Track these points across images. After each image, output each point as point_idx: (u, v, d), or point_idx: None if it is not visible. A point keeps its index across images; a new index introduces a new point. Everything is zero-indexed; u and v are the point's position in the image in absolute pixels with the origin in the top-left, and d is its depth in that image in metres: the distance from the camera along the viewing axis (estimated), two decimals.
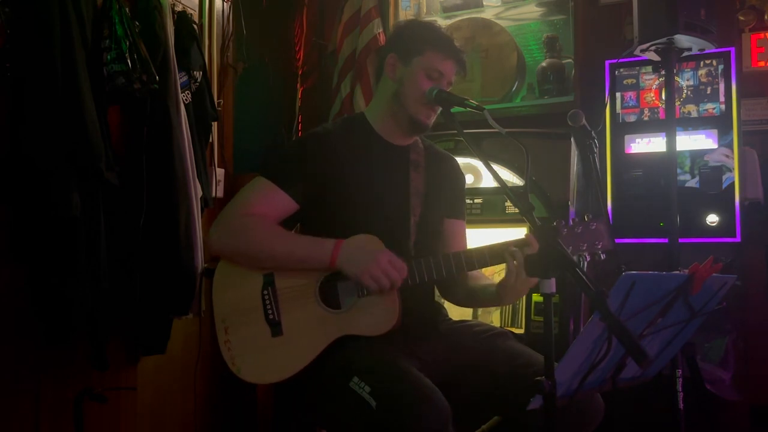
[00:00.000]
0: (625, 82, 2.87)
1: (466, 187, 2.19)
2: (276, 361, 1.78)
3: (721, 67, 2.71)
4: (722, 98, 2.71)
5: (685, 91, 2.76)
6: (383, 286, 1.70)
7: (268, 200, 1.83)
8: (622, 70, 2.87)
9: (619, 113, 2.86)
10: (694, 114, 2.75)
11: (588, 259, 1.73)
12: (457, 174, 2.11)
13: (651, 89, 2.83)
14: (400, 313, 1.75)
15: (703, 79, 2.74)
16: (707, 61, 2.73)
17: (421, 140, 2.04)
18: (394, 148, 1.97)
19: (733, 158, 2.65)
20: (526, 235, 1.77)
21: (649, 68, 2.75)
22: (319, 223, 1.88)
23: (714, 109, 2.72)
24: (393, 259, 1.71)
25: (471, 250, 1.79)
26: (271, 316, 1.79)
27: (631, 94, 2.86)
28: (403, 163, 1.96)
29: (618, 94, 2.87)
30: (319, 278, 1.79)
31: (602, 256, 1.72)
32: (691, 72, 2.76)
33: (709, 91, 2.74)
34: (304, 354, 1.76)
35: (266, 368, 1.79)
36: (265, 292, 1.80)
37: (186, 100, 2.55)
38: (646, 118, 2.83)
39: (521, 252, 1.70)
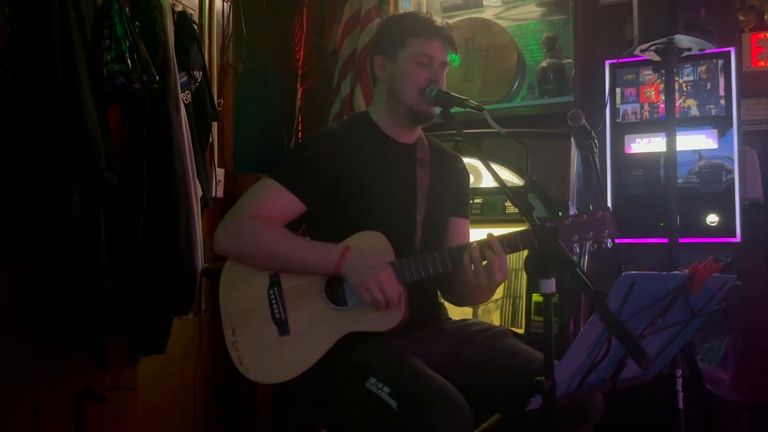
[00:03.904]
0: (625, 77, 2.87)
1: None
2: (284, 361, 1.78)
3: (720, 64, 2.71)
4: (722, 96, 2.71)
5: (685, 87, 2.76)
6: (377, 300, 1.69)
7: (275, 202, 1.83)
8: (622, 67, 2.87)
9: (618, 108, 2.86)
10: (695, 110, 2.75)
11: (594, 248, 1.72)
12: (463, 173, 2.11)
13: (651, 84, 2.83)
14: (408, 307, 1.76)
15: (703, 75, 2.74)
16: (707, 60, 2.73)
17: (427, 138, 2.04)
18: (400, 146, 1.97)
19: None
20: (488, 235, 1.76)
21: (649, 67, 2.75)
22: (325, 222, 1.89)
23: (714, 106, 2.72)
24: (391, 278, 1.71)
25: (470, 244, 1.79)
26: (277, 316, 1.79)
27: (630, 90, 2.86)
28: (410, 161, 1.96)
29: (618, 89, 2.87)
30: (325, 276, 1.80)
31: (609, 244, 1.71)
32: (691, 68, 2.76)
33: (709, 87, 2.74)
34: (312, 352, 1.76)
35: (274, 368, 1.79)
36: (271, 291, 1.80)
37: (186, 100, 2.55)
38: (646, 115, 2.83)
39: (480, 252, 1.70)
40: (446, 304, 2.07)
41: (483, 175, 2.78)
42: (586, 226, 1.71)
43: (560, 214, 1.74)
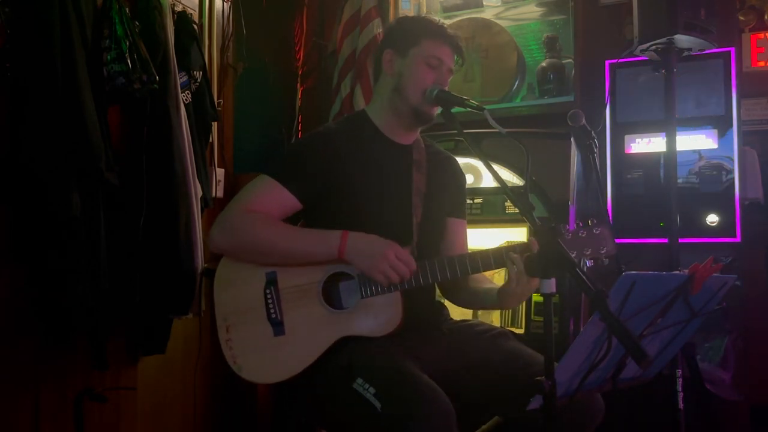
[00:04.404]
0: (625, 78, 2.87)
1: (466, 187, 2.19)
2: (277, 361, 1.78)
3: (721, 66, 2.71)
4: (722, 98, 2.70)
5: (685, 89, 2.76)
6: (393, 280, 1.70)
7: (271, 198, 1.83)
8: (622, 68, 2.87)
9: (618, 110, 2.85)
10: (695, 113, 2.74)
11: (591, 264, 1.73)
12: (458, 174, 2.12)
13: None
14: (404, 314, 1.75)
15: (704, 77, 2.73)
16: (707, 60, 2.72)
17: (423, 140, 2.04)
18: (397, 146, 1.96)
19: None
20: (528, 239, 1.76)
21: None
22: (321, 222, 1.88)
23: (714, 108, 2.71)
24: (400, 252, 1.71)
25: (475, 253, 1.79)
26: (273, 316, 1.79)
27: (631, 91, 2.85)
28: (406, 163, 1.95)
29: (618, 91, 2.86)
30: (322, 278, 1.79)
31: (606, 261, 1.72)
32: (691, 70, 2.75)
33: (709, 89, 2.73)
34: (306, 354, 1.76)
35: (267, 368, 1.79)
36: (268, 291, 1.80)
37: (186, 100, 2.55)
38: (645, 117, 2.82)
39: (522, 257, 1.70)
40: (447, 303, 2.07)
41: (483, 175, 2.78)
42: (584, 243, 1.70)
43: (557, 225, 1.73)
